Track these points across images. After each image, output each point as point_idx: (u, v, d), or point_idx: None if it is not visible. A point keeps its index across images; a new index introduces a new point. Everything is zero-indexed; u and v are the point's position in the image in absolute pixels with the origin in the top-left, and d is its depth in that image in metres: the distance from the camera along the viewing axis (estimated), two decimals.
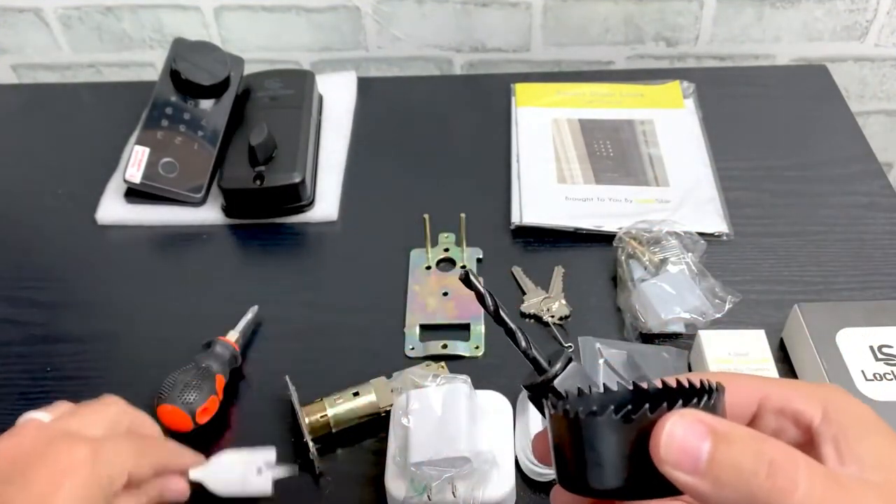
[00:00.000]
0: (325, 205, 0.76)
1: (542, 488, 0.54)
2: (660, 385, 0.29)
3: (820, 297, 0.65)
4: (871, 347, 0.56)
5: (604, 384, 0.30)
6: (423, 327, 0.64)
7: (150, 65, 1.01)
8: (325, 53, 0.99)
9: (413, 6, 0.94)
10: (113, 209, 0.76)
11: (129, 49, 0.99)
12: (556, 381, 0.31)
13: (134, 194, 0.76)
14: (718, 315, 0.61)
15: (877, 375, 0.54)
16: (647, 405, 0.25)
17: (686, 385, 0.28)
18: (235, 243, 0.74)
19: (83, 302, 0.69)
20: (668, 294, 0.61)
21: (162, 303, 0.69)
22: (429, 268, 0.69)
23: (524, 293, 0.66)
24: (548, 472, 0.53)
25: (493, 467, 0.50)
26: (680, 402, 0.26)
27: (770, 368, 0.58)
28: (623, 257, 0.66)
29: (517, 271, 0.68)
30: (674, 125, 0.82)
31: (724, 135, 0.81)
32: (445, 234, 0.71)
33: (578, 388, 0.30)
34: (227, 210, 0.75)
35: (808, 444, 0.28)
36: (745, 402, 0.29)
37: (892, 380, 0.54)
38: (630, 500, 0.27)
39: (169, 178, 0.75)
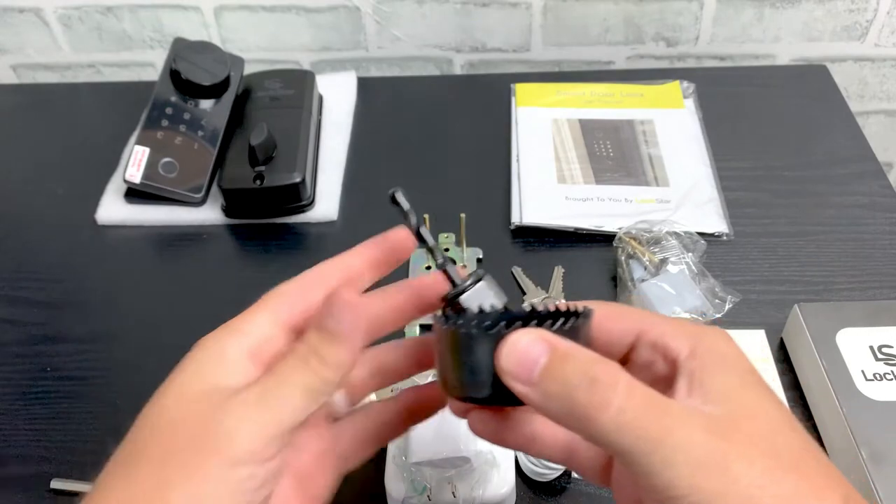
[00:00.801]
0: (325, 205, 0.76)
1: (542, 488, 0.54)
2: (552, 308, 0.31)
3: (820, 297, 0.65)
4: (871, 347, 0.56)
5: (504, 305, 0.32)
6: (423, 327, 0.64)
7: (150, 65, 1.01)
8: (325, 53, 0.99)
9: (413, 6, 0.94)
10: (113, 209, 0.76)
11: (129, 49, 0.99)
12: (464, 297, 0.32)
13: (134, 194, 0.76)
14: (718, 315, 0.61)
15: (877, 375, 0.54)
16: (503, 322, 0.28)
17: (563, 309, 0.30)
18: (235, 243, 0.74)
19: (83, 302, 0.69)
20: (668, 294, 0.61)
21: (162, 303, 0.69)
22: (429, 268, 0.69)
23: (524, 293, 0.66)
24: (548, 473, 0.53)
25: (493, 467, 0.50)
26: (535, 321, 0.28)
27: (770, 368, 0.58)
28: (623, 257, 0.66)
29: (517, 271, 0.68)
30: (674, 125, 0.82)
31: (724, 135, 0.81)
32: (445, 234, 0.71)
33: (479, 307, 0.32)
34: (227, 210, 0.75)
35: (672, 378, 0.29)
36: (624, 333, 0.31)
37: (892, 380, 0.54)
38: (495, 406, 0.30)
39: (169, 178, 0.75)
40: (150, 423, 0.29)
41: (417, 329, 0.64)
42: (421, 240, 0.33)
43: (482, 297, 0.32)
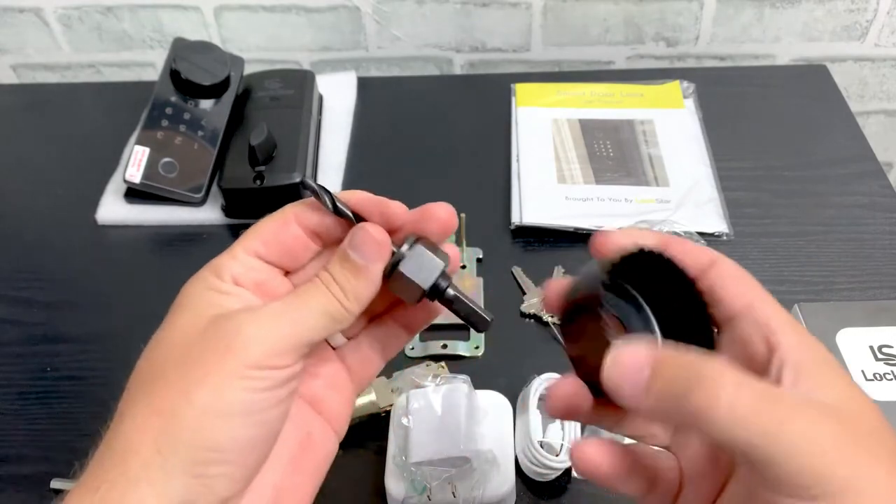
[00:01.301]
0: None
1: (542, 488, 0.54)
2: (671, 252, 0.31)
3: (820, 297, 0.65)
4: (871, 347, 0.56)
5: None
6: None
7: (150, 65, 1.01)
8: (325, 53, 0.99)
9: (413, 6, 0.94)
10: (113, 209, 0.76)
11: (129, 49, 0.99)
12: (403, 262, 0.32)
13: (134, 194, 0.76)
14: None
15: (877, 375, 0.54)
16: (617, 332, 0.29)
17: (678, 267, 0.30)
18: None
19: (83, 302, 0.69)
20: None
21: (162, 303, 0.68)
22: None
23: (524, 293, 0.66)
24: (548, 473, 0.53)
25: (493, 467, 0.50)
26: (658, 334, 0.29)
27: None
28: None
29: (517, 271, 0.68)
30: (674, 125, 0.82)
31: (724, 135, 0.81)
32: None
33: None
34: (227, 210, 0.75)
35: (767, 363, 0.29)
36: (734, 298, 0.30)
37: (892, 380, 0.54)
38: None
39: (169, 178, 0.75)
40: (166, 343, 0.31)
41: None
42: (340, 214, 0.33)
43: (421, 259, 0.32)
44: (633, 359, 0.27)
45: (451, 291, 0.33)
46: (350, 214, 0.33)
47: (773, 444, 0.25)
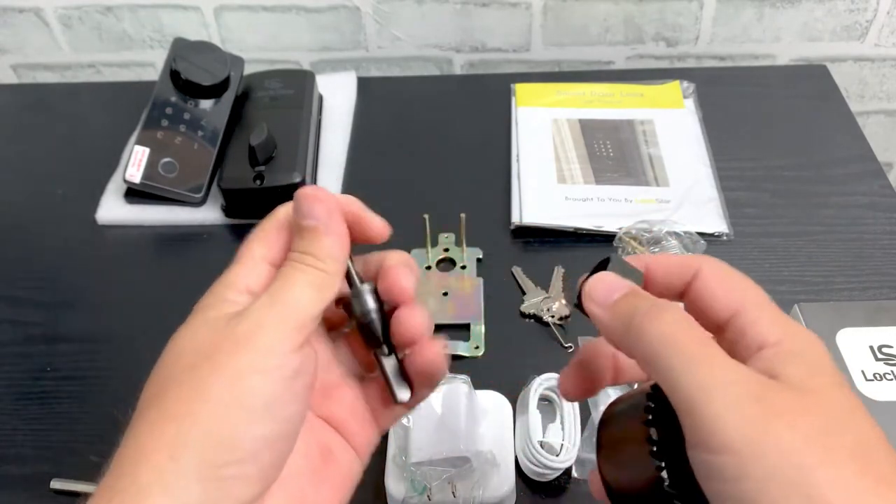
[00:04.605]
0: None
1: (542, 488, 0.54)
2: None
3: (820, 297, 0.65)
4: (871, 347, 0.56)
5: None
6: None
7: (150, 65, 1.01)
8: (325, 53, 0.99)
9: (413, 6, 0.94)
10: (113, 209, 0.76)
11: (129, 49, 0.99)
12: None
13: (134, 194, 0.76)
14: None
15: (877, 375, 0.54)
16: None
17: None
18: (235, 243, 0.73)
19: (83, 302, 0.69)
20: None
21: (162, 303, 0.68)
22: (429, 268, 0.69)
23: (524, 293, 0.66)
24: (548, 473, 0.53)
25: (493, 467, 0.50)
26: None
27: None
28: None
29: (517, 271, 0.68)
30: (674, 125, 0.82)
31: (724, 135, 0.81)
32: (445, 235, 0.71)
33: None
34: (227, 210, 0.75)
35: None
36: (727, 305, 0.31)
37: (892, 380, 0.54)
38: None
39: (169, 178, 0.75)
40: (176, 352, 0.30)
41: None
42: (349, 279, 0.34)
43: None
44: (612, 281, 0.31)
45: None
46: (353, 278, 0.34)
47: (688, 373, 0.26)
